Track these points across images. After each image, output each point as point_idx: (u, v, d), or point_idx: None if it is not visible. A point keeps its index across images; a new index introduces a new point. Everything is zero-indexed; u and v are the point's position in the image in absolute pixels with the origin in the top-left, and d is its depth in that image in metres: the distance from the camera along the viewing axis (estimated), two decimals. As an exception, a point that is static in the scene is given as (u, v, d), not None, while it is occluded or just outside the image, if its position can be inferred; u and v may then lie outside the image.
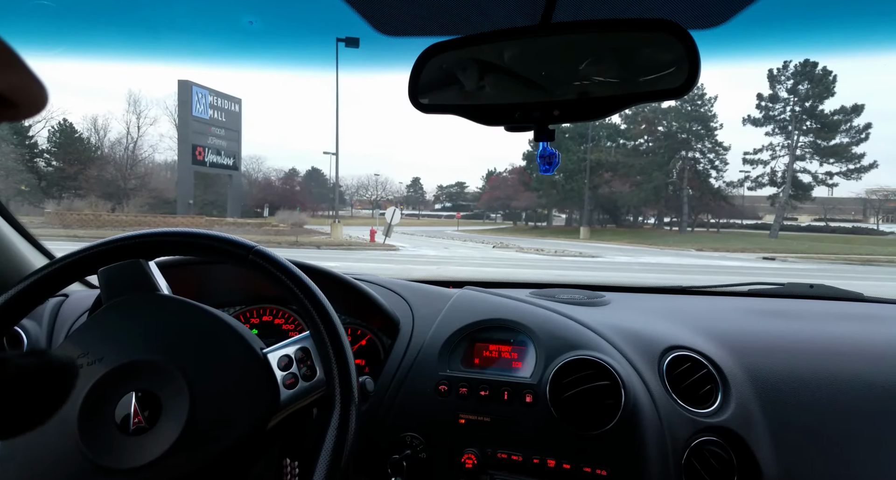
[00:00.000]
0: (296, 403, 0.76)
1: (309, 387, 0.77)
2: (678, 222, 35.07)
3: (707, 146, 34.21)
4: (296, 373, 0.77)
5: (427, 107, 0.81)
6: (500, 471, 1.01)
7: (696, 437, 0.99)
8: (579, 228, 33.01)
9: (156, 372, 0.72)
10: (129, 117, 35.39)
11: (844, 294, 1.49)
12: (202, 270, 1.20)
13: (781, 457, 1.00)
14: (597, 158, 35.11)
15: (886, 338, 1.17)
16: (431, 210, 64.28)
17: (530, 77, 0.79)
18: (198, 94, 26.31)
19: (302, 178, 51.90)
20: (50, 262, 0.81)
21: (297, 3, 1.01)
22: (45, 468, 0.68)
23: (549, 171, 0.85)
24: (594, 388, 0.97)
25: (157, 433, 0.68)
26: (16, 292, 0.78)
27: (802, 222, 39.21)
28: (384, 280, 1.32)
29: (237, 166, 29.66)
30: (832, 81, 30.11)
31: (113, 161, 32.90)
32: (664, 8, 0.88)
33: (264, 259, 0.80)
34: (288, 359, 0.78)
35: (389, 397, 1.09)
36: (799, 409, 1.03)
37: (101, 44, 1.25)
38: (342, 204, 52.32)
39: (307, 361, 0.79)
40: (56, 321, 1.28)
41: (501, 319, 1.13)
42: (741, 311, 1.36)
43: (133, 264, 0.82)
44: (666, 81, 0.70)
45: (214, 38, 1.21)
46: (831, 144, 30.49)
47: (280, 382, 0.75)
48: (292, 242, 18.00)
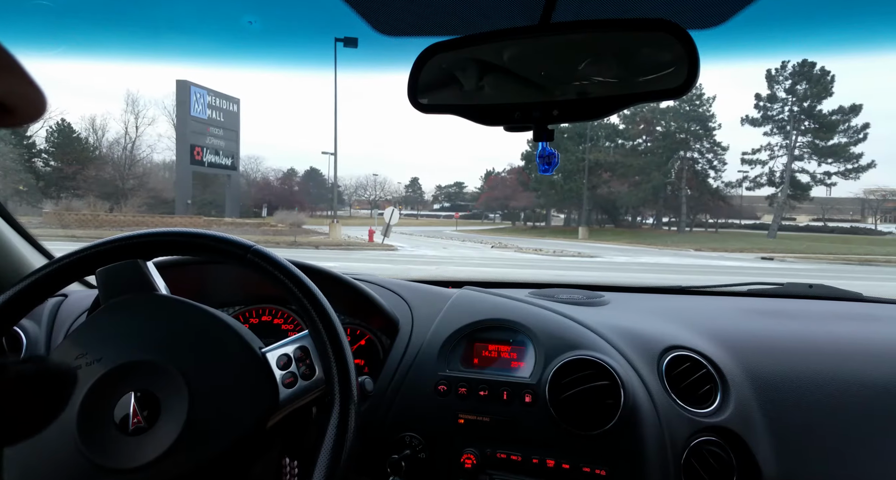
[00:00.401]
0: (295, 402, 0.76)
1: (308, 386, 0.77)
2: (677, 222, 35.15)
3: (705, 146, 34.29)
4: (295, 372, 0.77)
5: (426, 107, 0.81)
6: (499, 471, 1.01)
7: (695, 437, 0.99)
8: (578, 228, 33.08)
9: (155, 372, 0.72)
10: (127, 117, 35.31)
11: (843, 294, 1.50)
12: (201, 270, 1.20)
13: (780, 457, 1.00)
14: (595, 159, 35.16)
15: (885, 338, 1.17)
16: (430, 210, 64.33)
17: (530, 77, 0.79)
18: (196, 94, 26.29)
19: (300, 178, 51.91)
20: (49, 262, 0.81)
21: (296, 3, 1.01)
22: (44, 468, 0.68)
23: (548, 171, 0.85)
24: (593, 388, 0.97)
25: (157, 432, 0.68)
26: (14, 292, 0.78)
27: (801, 222, 39.29)
28: (383, 280, 1.32)
29: (235, 166, 29.64)
30: (830, 81, 30.16)
31: (111, 161, 32.89)
32: (663, 8, 0.88)
33: (262, 259, 0.80)
34: (287, 358, 0.78)
35: (389, 397, 1.09)
36: (798, 409, 1.04)
37: (100, 44, 1.25)
38: (341, 204, 52.29)
39: (306, 360, 0.79)
40: (55, 322, 1.27)
41: (501, 319, 1.13)
42: (740, 311, 1.36)
43: (131, 265, 0.82)
44: (665, 81, 0.70)
45: (214, 38, 1.21)
46: (829, 144, 30.56)
47: (279, 381, 0.75)
48: (291, 242, 17.99)
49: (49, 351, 1.21)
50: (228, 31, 1.15)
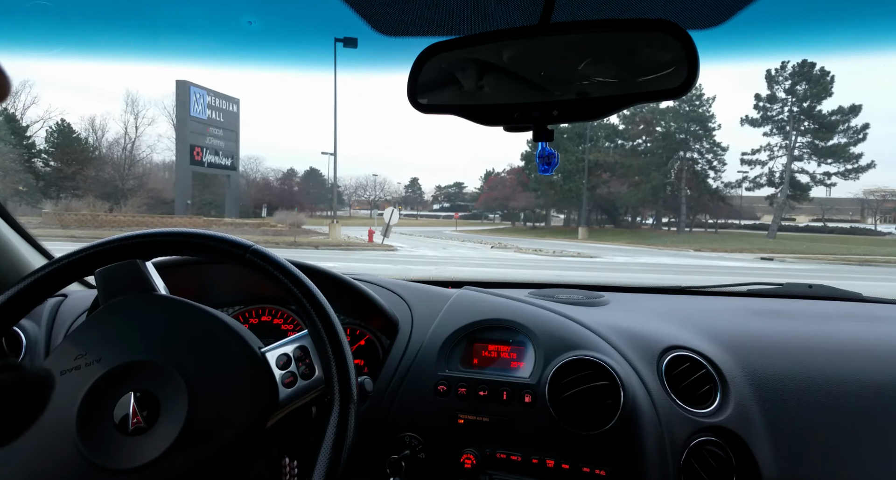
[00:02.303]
0: (295, 401, 0.76)
1: (308, 386, 0.77)
2: (676, 223, 35.12)
3: (705, 147, 34.27)
4: (294, 372, 0.77)
5: (426, 107, 0.81)
6: (498, 471, 1.01)
7: (694, 437, 0.99)
8: (577, 228, 33.07)
9: (154, 372, 0.72)
10: (126, 118, 35.31)
11: (843, 294, 1.50)
12: (200, 270, 1.20)
13: (780, 457, 1.00)
14: (595, 159, 35.15)
15: (885, 338, 1.17)
16: (430, 211, 64.34)
17: (529, 77, 0.79)
18: (196, 94, 26.25)
19: (300, 178, 51.90)
20: (48, 262, 0.81)
21: (296, 2, 1.01)
22: (43, 468, 0.67)
23: (548, 171, 0.85)
24: (593, 388, 0.97)
25: (156, 433, 0.68)
26: (14, 292, 0.78)
27: (800, 223, 39.26)
28: (383, 280, 1.32)
29: (235, 167, 29.60)
30: (830, 81, 30.15)
31: (111, 161, 32.86)
32: (663, 8, 0.88)
33: (262, 259, 0.80)
34: (286, 358, 0.78)
35: (388, 397, 1.09)
36: (798, 409, 1.04)
37: (99, 43, 1.25)
38: (340, 204, 52.29)
39: (305, 359, 0.79)
40: (55, 322, 1.27)
41: (500, 319, 1.13)
42: (740, 311, 1.36)
43: (130, 265, 0.82)
44: (665, 81, 0.70)
45: (213, 38, 1.21)
46: (829, 144, 30.54)
47: (279, 381, 0.75)
48: (290, 242, 17.99)
49: (49, 351, 1.21)
50: (228, 31, 1.15)
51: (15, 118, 28.51)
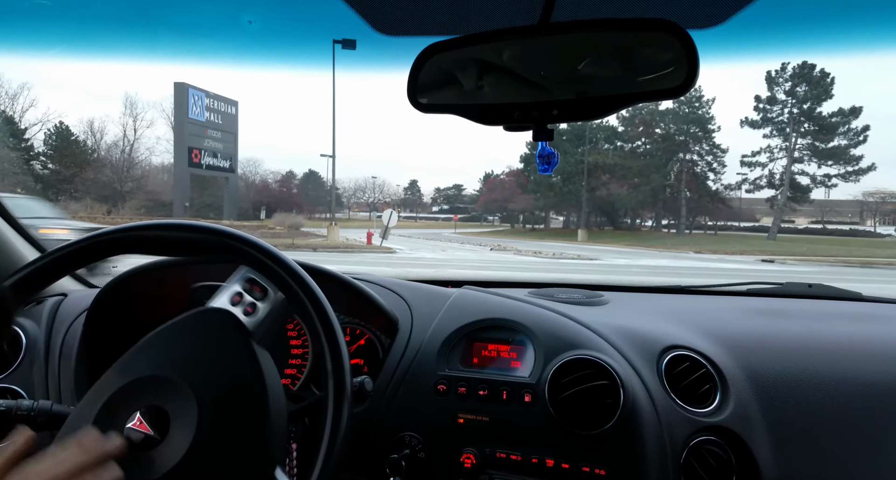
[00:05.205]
0: (266, 323, 0.80)
1: (272, 308, 0.80)
2: (676, 225, 35.15)
3: (705, 148, 34.33)
4: (252, 301, 0.80)
5: (426, 106, 0.81)
6: (498, 471, 1.01)
7: (694, 437, 0.99)
8: (577, 230, 33.07)
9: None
10: (125, 120, 35.24)
11: (843, 294, 1.49)
12: (198, 269, 1.20)
13: (780, 457, 1.00)
14: (594, 161, 35.16)
15: (885, 337, 1.17)
16: (429, 213, 64.32)
17: (529, 77, 0.79)
18: (194, 96, 26.26)
19: (299, 180, 51.81)
20: (41, 255, 0.80)
21: (296, 2, 1.01)
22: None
23: (548, 171, 0.85)
24: (593, 387, 0.97)
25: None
26: (21, 276, 0.78)
27: (800, 225, 39.29)
28: (383, 280, 1.32)
29: (234, 169, 29.61)
30: (830, 83, 30.19)
31: (109, 164, 32.88)
32: (663, 7, 0.88)
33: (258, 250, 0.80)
34: (239, 295, 0.81)
35: (388, 396, 1.08)
36: (797, 408, 1.03)
37: (99, 43, 1.25)
38: (339, 207, 52.16)
39: (255, 287, 0.82)
40: (55, 321, 1.27)
41: (500, 318, 1.13)
42: (740, 310, 1.36)
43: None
44: (665, 81, 0.70)
45: (213, 38, 1.21)
46: (829, 146, 30.57)
47: (240, 314, 0.78)
48: (289, 244, 17.96)
49: (48, 351, 1.20)
50: (228, 31, 1.15)
51: (13, 120, 28.53)
